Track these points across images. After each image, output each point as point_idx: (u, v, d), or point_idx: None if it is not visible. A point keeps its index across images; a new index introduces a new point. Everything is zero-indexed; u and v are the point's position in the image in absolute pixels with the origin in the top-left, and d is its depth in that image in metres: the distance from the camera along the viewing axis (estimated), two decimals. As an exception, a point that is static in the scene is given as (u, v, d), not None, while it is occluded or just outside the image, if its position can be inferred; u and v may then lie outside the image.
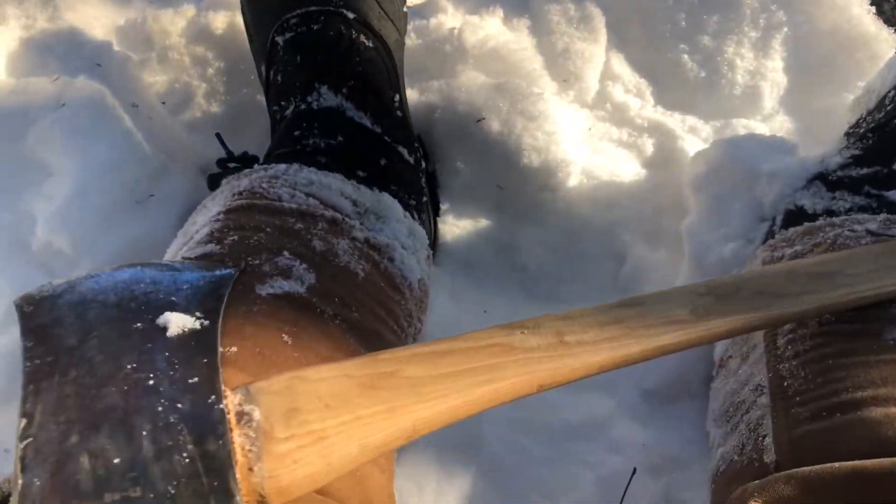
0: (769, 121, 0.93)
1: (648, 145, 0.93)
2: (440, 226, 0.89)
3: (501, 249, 0.89)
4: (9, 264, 0.70)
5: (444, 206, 0.90)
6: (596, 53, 0.93)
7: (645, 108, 0.94)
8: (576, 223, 0.89)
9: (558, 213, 0.89)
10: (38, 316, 0.52)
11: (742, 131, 0.92)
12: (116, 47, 0.87)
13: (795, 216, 0.76)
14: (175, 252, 0.64)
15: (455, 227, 0.90)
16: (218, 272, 0.56)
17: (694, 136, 0.93)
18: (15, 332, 0.65)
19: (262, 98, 0.91)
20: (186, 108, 0.90)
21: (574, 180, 0.89)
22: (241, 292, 0.55)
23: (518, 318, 0.83)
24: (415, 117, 0.89)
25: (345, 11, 0.74)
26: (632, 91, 0.94)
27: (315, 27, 0.74)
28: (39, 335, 0.50)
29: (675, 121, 0.93)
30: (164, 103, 0.90)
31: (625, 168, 0.91)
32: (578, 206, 0.89)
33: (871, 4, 0.90)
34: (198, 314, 0.50)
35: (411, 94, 0.90)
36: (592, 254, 0.88)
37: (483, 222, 0.90)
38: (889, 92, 0.78)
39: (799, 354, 0.59)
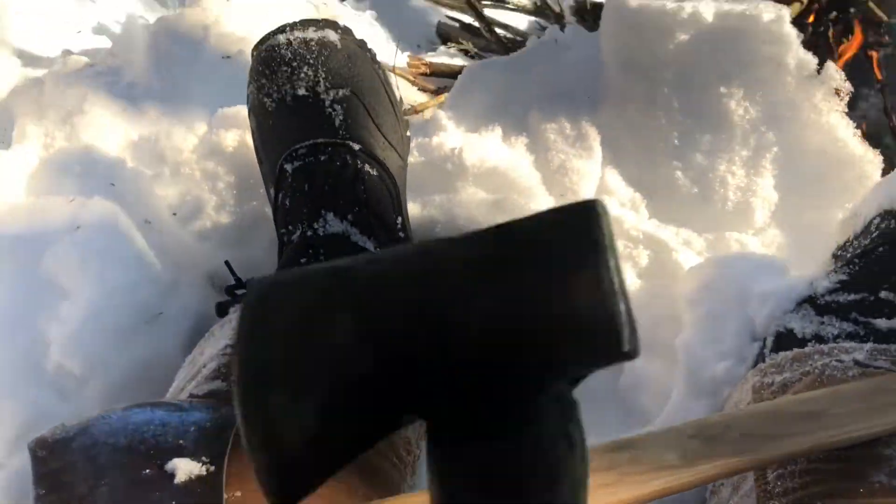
0: (761, 235, 0.96)
1: (644, 257, 0.95)
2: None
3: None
4: (22, 387, 0.73)
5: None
6: (592, 169, 0.96)
7: (640, 221, 0.97)
8: (573, 334, 0.91)
9: (556, 324, 0.91)
10: (50, 461, 0.53)
11: (735, 245, 0.95)
12: (130, 163, 0.91)
13: (785, 339, 0.78)
14: (183, 381, 0.67)
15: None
16: (224, 411, 0.58)
17: (688, 249, 0.95)
18: (25, 454, 0.67)
19: (269, 210, 0.95)
20: (196, 218, 0.94)
21: (571, 292, 0.92)
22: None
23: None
24: (417, 230, 0.92)
25: (350, 143, 0.78)
26: (627, 205, 0.97)
27: (322, 157, 0.78)
28: (52, 482, 0.52)
29: (669, 233, 0.96)
30: (174, 214, 0.93)
31: (621, 279, 0.94)
32: (575, 317, 0.91)
33: (866, 138, 0.94)
34: (204, 458, 0.52)
35: (413, 208, 0.93)
36: (591, 365, 0.90)
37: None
38: (874, 218, 0.81)
39: (788, 492, 0.61)
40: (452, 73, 1.36)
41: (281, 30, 0.80)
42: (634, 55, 0.96)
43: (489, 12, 1.30)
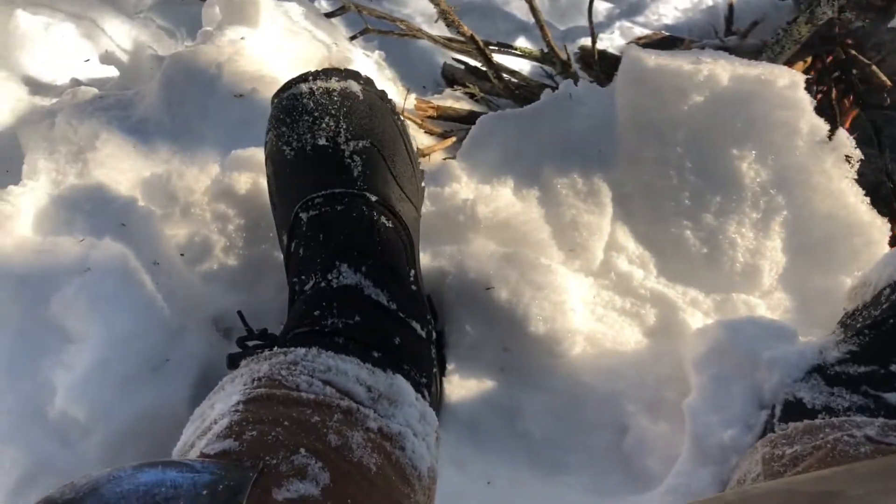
0: (767, 297, 0.96)
1: (651, 316, 0.95)
2: (446, 385, 0.91)
3: (506, 413, 0.90)
4: (24, 433, 0.71)
5: (450, 366, 0.92)
6: (602, 225, 0.97)
7: (648, 279, 0.97)
8: (579, 391, 0.91)
9: (563, 380, 0.91)
10: None
11: (742, 306, 0.95)
12: (141, 202, 0.90)
13: (794, 409, 0.78)
14: (192, 437, 0.65)
15: (461, 387, 0.91)
16: (237, 474, 0.57)
17: (695, 309, 0.95)
18: (33, 495, 0.66)
19: (277, 254, 0.94)
20: (204, 260, 0.93)
21: (578, 348, 0.91)
22: (259, 497, 0.56)
23: (522, 490, 0.84)
24: (427, 279, 0.91)
25: (368, 194, 0.78)
26: (636, 262, 0.97)
27: (339, 207, 0.77)
28: None
29: (676, 293, 0.96)
30: (182, 255, 0.93)
31: (627, 337, 0.94)
32: (582, 373, 0.91)
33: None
34: None
35: (425, 258, 0.93)
36: (595, 423, 0.90)
37: (488, 384, 0.92)
38: (885, 289, 0.81)
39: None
40: (459, 118, 1.36)
41: (303, 78, 0.80)
42: (648, 113, 0.97)
43: (496, 58, 1.31)
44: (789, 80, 0.93)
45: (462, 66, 1.50)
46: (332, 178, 0.78)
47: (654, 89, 0.95)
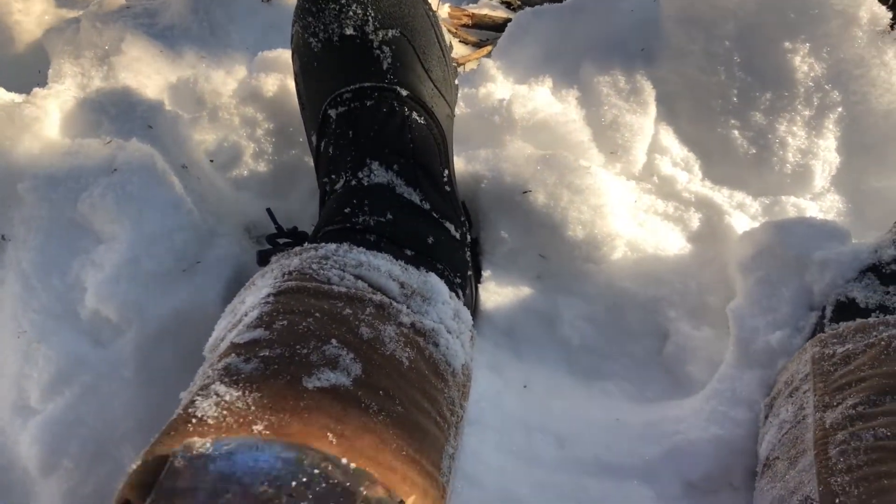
0: (819, 200, 0.92)
1: (695, 220, 0.92)
2: (482, 293, 0.89)
3: (543, 320, 0.88)
4: (56, 332, 0.71)
5: (486, 273, 0.90)
6: (645, 126, 0.92)
7: (692, 182, 0.93)
8: (619, 297, 0.88)
9: (602, 286, 0.88)
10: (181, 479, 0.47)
11: (791, 209, 0.91)
12: (168, 107, 0.88)
13: (847, 309, 0.75)
14: (223, 331, 0.64)
15: (497, 294, 0.89)
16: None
17: (742, 213, 0.91)
18: (60, 401, 0.66)
19: (308, 160, 0.92)
20: (234, 166, 0.91)
21: (618, 254, 0.88)
22: (289, 383, 0.55)
23: (559, 396, 0.83)
24: (461, 185, 0.88)
25: (398, 88, 0.74)
26: (679, 165, 0.93)
27: (368, 103, 0.74)
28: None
29: (722, 196, 0.92)
30: (212, 161, 0.91)
31: (670, 243, 0.90)
32: (622, 279, 0.88)
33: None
34: None
35: (458, 163, 0.90)
36: (635, 330, 0.87)
37: (525, 291, 0.90)
38: (948, 184, 0.77)
39: (852, 469, 0.58)
40: (496, 26, 1.31)
41: (329, -34, 0.76)
42: (694, 5, 0.91)
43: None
44: (848, -36, 0.86)
45: (498, -26, 1.45)
46: (360, 72, 0.74)
47: (701, -22, 0.90)
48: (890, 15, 0.87)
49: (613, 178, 0.91)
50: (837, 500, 0.57)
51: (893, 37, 0.88)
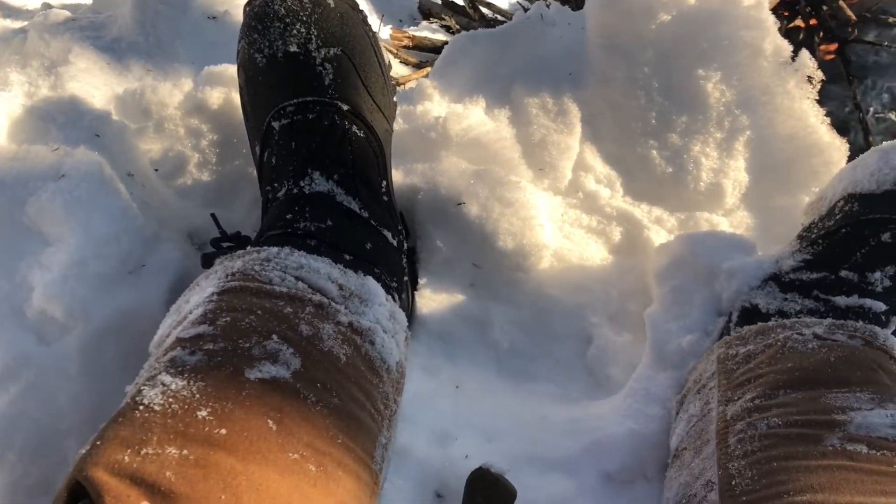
0: (730, 216, 0.99)
1: (616, 233, 0.98)
2: (417, 299, 0.93)
3: (475, 325, 0.93)
4: (2, 330, 0.73)
5: (422, 281, 0.94)
6: (571, 145, 0.99)
7: (614, 197, 0.99)
8: (546, 304, 0.93)
9: (530, 294, 0.94)
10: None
11: (704, 225, 0.98)
12: (115, 117, 0.91)
13: (750, 314, 0.82)
14: (168, 328, 0.68)
15: (432, 300, 0.94)
16: None
17: (659, 227, 0.98)
18: (7, 395, 0.68)
19: (251, 170, 0.95)
20: (179, 175, 0.94)
21: (546, 263, 0.94)
22: (232, 374, 0.58)
23: (489, 396, 0.88)
24: (399, 196, 0.93)
25: (339, 103, 0.79)
26: (603, 181, 1.00)
27: (311, 116, 0.79)
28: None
29: (642, 211, 0.99)
30: (157, 170, 0.94)
31: (593, 253, 0.97)
32: (549, 287, 0.94)
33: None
34: None
35: (397, 175, 0.95)
36: (561, 334, 0.93)
37: (459, 297, 0.94)
38: (838, 202, 0.84)
39: (748, 455, 0.64)
40: (435, 48, 1.37)
41: (276, -14, 0.80)
42: (617, 34, 0.98)
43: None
44: (754, 0, 0.94)
45: (438, 0, 1.51)
46: (303, 86, 0.79)
47: (622, 9, 0.96)
48: (791, 48, 0.96)
49: (541, 193, 0.97)
50: (734, 482, 0.63)
51: (795, 67, 0.96)
